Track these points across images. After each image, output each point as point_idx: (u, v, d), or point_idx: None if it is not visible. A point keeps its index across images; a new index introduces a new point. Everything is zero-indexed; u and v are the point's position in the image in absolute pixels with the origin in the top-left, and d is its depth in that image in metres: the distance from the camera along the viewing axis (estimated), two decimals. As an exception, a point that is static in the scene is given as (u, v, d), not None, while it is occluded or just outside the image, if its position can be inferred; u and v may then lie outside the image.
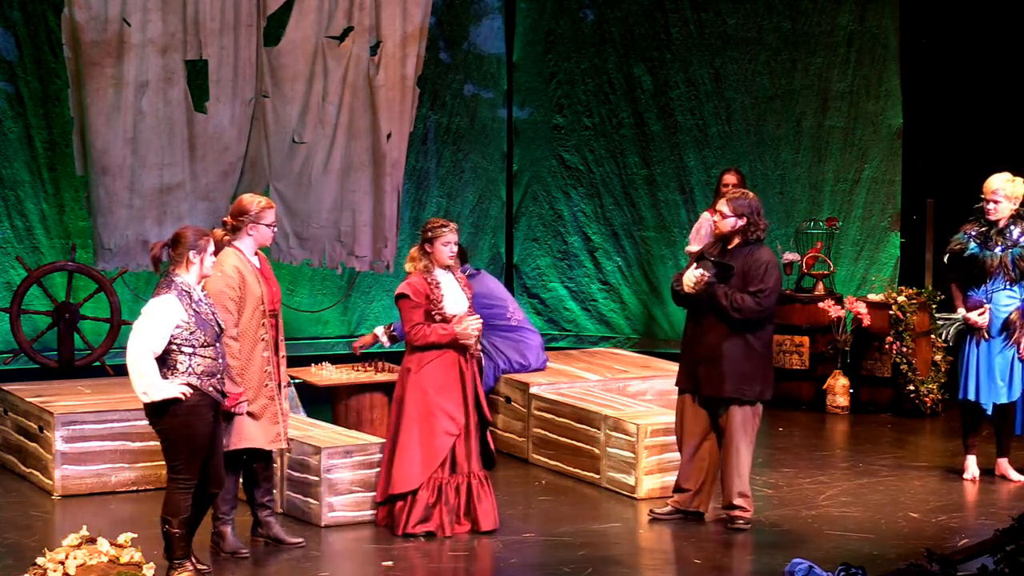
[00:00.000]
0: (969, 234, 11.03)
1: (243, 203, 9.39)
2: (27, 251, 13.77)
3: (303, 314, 14.63)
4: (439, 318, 9.66)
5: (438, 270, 9.76)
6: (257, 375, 9.29)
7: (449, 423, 9.68)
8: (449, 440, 9.68)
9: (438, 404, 9.66)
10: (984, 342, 10.95)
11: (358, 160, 13.79)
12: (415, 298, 9.64)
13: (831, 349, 13.53)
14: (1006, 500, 10.74)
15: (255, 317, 9.27)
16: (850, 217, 14.69)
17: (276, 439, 9.41)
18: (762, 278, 9.79)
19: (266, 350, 9.33)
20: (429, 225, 9.79)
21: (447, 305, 9.69)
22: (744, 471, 9.95)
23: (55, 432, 10.64)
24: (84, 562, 8.08)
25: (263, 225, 9.35)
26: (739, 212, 9.90)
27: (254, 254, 9.38)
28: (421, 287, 9.67)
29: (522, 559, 9.39)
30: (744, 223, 9.89)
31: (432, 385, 9.68)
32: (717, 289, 9.78)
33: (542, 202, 15.61)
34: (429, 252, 9.73)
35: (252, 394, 9.24)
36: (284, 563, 9.26)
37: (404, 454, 9.69)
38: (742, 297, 9.76)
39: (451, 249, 9.72)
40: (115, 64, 13.00)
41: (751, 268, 9.81)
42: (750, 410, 9.92)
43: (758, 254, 9.88)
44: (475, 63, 15.39)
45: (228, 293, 9.14)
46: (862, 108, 14.68)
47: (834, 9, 14.66)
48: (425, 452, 9.67)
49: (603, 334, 15.46)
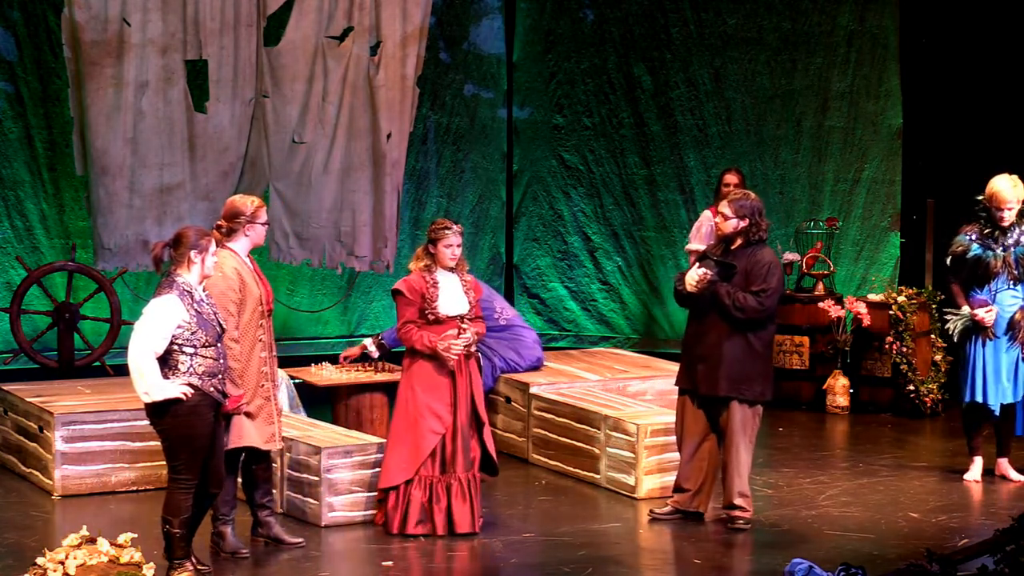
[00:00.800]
0: (970, 236, 11.02)
1: (236, 205, 9.38)
2: (27, 251, 13.77)
3: (303, 314, 14.63)
4: (432, 318, 9.68)
5: (441, 271, 9.78)
6: (255, 376, 9.30)
7: (435, 422, 9.70)
8: (434, 438, 9.69)
9: (425, 402, 9.70)
10: (989, 342, 10.95)
11: (358, 160, 13.79)
12: (410, 295, 9.70)
13: (831, 349, 13.53)
14: (1006, 500, 10.74)
15: (254, 318, 9.28)
16: (850, 217, 14.69)
17: (271, 439, 9.42)
18: (764, 278, 9.79)
19: (263, 350, 9.35)
20: (433, 226, 9.84)
21: (441, 305, 9.70)
22: (744, 471, 9.96)
23: (55, 432, 10.64)
24: (84, 562, 8.08)
25: (259, 224, 9.37)
26: (741, 213, 9.91)
27: (247, 255, 9.39)
28: (418, 285, 9.71)
29: (522, 559, 9.39)
30: (746, 224, 9.90)
31: (421, 383, 9.73)
32: (720, 288, 9.79)
33: (542, 202, 15.62)
34: (433, 253, 9.77)
35: (249, 395, 9.25)
36: (284, 563, 9.26)
37: (391, 450, 9.77)
38: (744, 296, 9.76)
39: (453, 251, 9.75)
40: (115, 64, 13.00)
41: (753, 268, 9.82)
42: (750, 410, 9.92)
43: (760, 255, 9.89)
44: (475, 63, 15.39)
45: (230, 295, 9.14)
46: (862, 108, 14.68)
47: (834, 9, 14.66)
48: (410, 449, 9.70)
49: (603, 334, 15.46)
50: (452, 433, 9.76)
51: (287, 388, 11.45)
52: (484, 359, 11.98)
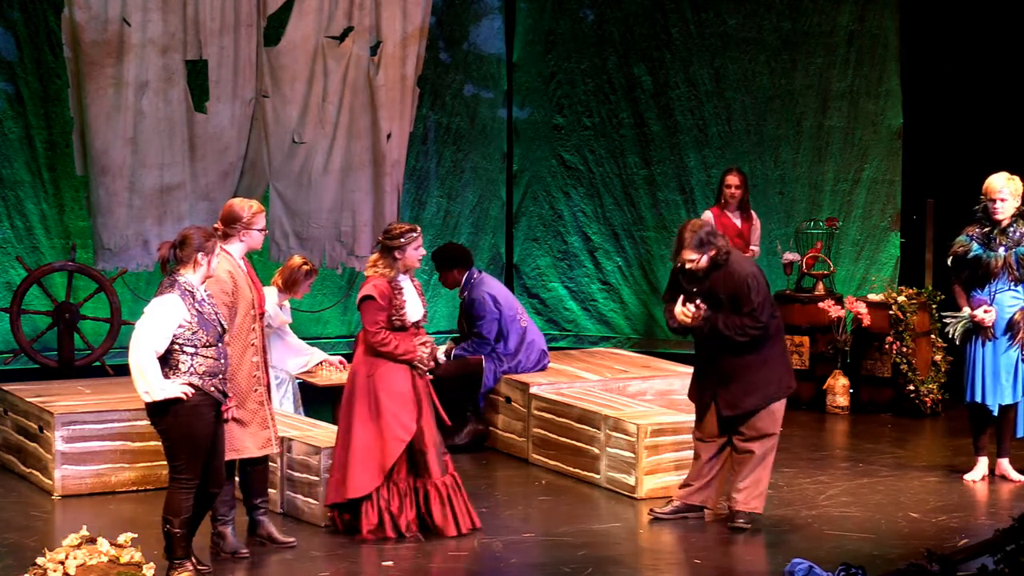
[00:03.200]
0: (971, 235, 11.03)
1: (234, 209, 9.37)
2: (27, 251, 13.77)
3: (303, 314, 14.62)
4: (399, 324, 9.65)
5: (401, 277, 9.74)
6: (246, 380, 9.29)
7: (400, 430, 9.64)
8: (400, 445, 9.63)
9: (390, 409, 9.63)
10: (989, 342, 10.95)
11: (358, 160, 13.78)
12: (381, 301, 9.63)
13: (831, 349, 13.53)
14: (1006, 500, 10.75)
15: (246, 322, 9.27)
16: (850, 217, 14.69)
17: (267, 444, 9.42)
18: (748, 296, 9.78)
19: (256, 355, 9.33)
20: (397, 231, 9.71)
21: (408, 312, 9.69)
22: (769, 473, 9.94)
23: (55, 432, 10.65)
24: (84, 562, 8.09)
25: (255, 230, 9.36)
26: (705, 247, 9.86)
27: (242, 258, 9.38)
28: (387, 291, 9.66)
29: (522, 559, 9.39)
30: (713, 252, 9.86)
31: (385, 390, 9.66)
32: (718, 322, 9.78)
33: (542, 202, 15.61)
34: (398, 258, 9.71)
35: (241, 399, 9.22)
36: (284, 563, 9.26)
37: (357, 459, 9.65)
38: (740, 321, 9.76)
39: (421, 252, 9.75)
40: (115, 64, 13.00)
41: (736, 290, 9.80)
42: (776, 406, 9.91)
43: (736, 272, 9.83)
44: (475, 63, 15.39)
45: (222, 298, 9.11)
46: (862, 108, 14.68)
47: (834, 9, 14.66)
48: (377, 458, 9.64)
49: (603, 334, 15.45)
50: (420, 439, 9.72)
51: (293, 391, 11.45)
52: (487, 360, 11.98)
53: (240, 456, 9.34)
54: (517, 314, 12.13)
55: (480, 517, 9.93)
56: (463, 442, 12.01)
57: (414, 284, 9.84)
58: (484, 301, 12.01)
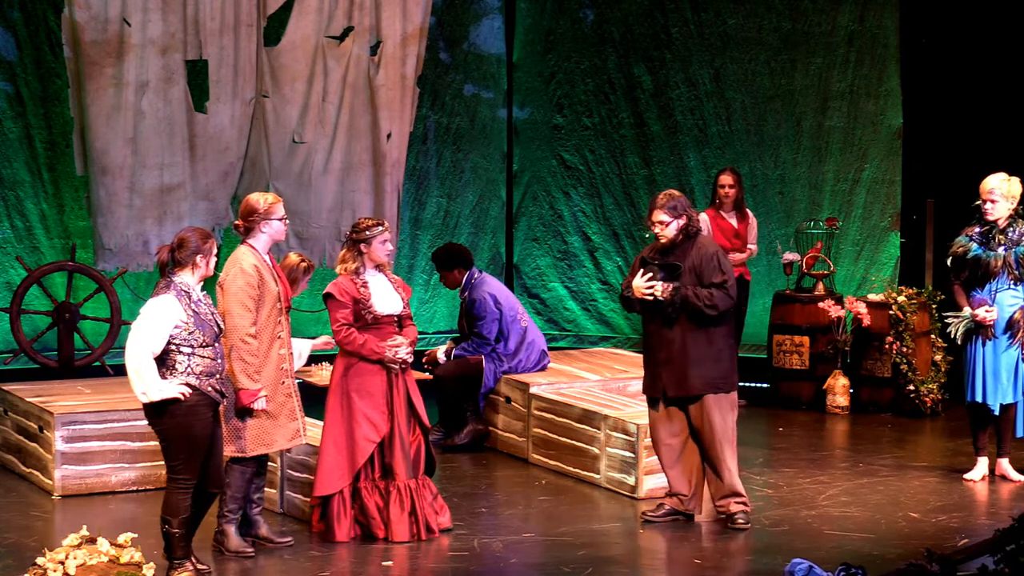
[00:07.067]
0: (970, 236, 11.03)
1: (250, 203, 9.40)
2: (27, 251, 13.77)
3: (303, 314, 14.62)
4: (370, 318, 9.63)
5: (369, 272, 9.72)
6: (274, 372, 9.32)
7: (370, 430, 9.62)
8: (370, 446, 9.61)
9: (360, 409, 9.61)
10: (989, 342, 10.95)
11: (358, 160, 13.79)
12: (341, 298, 9.61)
13: (831, 349, 13.53)
14: (1006, 500, 10.74)
15: (272, 315, 9.30)
16: (850, 217, 14.68)
17: (296, 435, 9.47)
18: (720, 269, 9.80)
19: (283, 347, 9.38)
20: (364, 225, 9.67)
21: (376, 305, 9.64)
22: (733, 466, 9.93)
23: (55, 432, 10.65)
24: (84, 562, 8.09)
25: (275, 220, 9.38)
26: (677, 213, 9.88)
27: (267, 252, 9.40)
28: (348, 288, 9.62)
29: (522, 559, 9.39)
30: (684, 221, 9.89)
31: (357, 390, 9.64)
32: (688, 292, 9.77)
33: (542, 202, 15.62)
34: (364, 252, 9.70)
35: (270, 391, 9.26)
36: (284, 563, 9.26)
37: (326, 458, 9.65)
38: (710, 293, 9.76)
39: (387, 247, 9.72)
40: (115, 64, 13.00)
41: (704, 262, 9.82)
42: (726, 400, 9.90)
43: (704, 247, 9.89)
44: (475, 63, 15.39)
45: (248, 291, 9.14)
46: (862, 108, 14.68)
47: (834, 9, 14.66)
48: (347, 457, 9.63)
49: (603, 334, 15.45)
50: (390, 440, 9.71)
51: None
52: (487, 360, 11.99)
53: (270, 451, 9.39)
54: (517, 314, 12.14)
55: (480, 517, 9.92)
56: (463, 442, 12.02)
57: (389, 278, 9.80)
58: (485, 301, 12.01)
